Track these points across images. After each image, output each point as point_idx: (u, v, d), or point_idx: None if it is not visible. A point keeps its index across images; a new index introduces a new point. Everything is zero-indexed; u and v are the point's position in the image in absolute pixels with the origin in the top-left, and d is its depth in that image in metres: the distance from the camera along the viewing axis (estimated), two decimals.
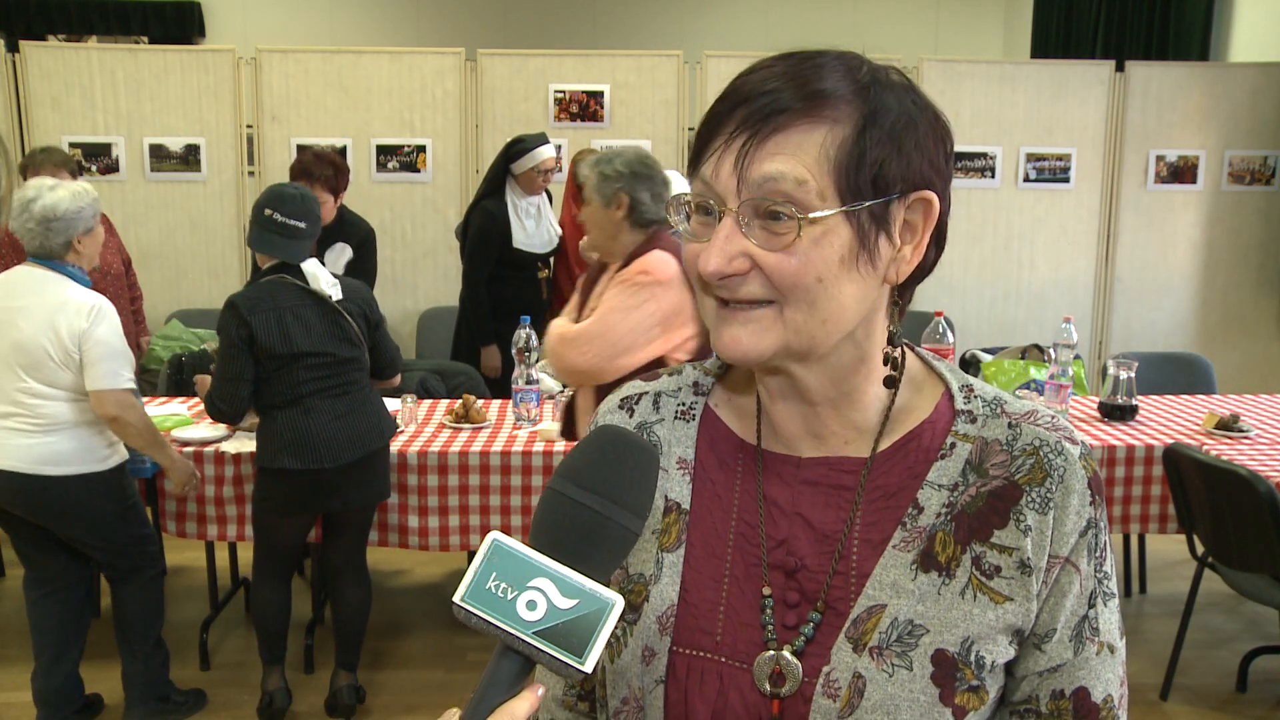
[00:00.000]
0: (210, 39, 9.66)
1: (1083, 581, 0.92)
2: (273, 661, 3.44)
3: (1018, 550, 0.90)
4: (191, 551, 4.53)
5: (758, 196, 0.85)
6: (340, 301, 3.21)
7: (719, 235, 0.87)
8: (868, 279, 0.89)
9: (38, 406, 3.04)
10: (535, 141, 4.74)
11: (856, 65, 0.89)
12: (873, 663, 0.89)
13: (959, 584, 0.90)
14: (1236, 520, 3.22)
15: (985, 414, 0.96)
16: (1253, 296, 6.36)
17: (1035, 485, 0.91)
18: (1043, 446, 0.93)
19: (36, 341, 3.01)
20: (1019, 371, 4.45)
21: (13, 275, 3.13)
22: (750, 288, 0.87)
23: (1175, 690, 3.66)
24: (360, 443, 3.20)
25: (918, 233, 0.91)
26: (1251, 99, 6.14)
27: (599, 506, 0.79)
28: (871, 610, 0.91)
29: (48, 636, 3.20)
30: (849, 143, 0.85)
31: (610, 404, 1.09)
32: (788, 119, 0.85)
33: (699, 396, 1.05)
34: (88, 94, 5.80)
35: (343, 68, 5.89)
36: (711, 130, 0.88)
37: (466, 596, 0.77)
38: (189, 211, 5.97)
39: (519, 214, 4.78)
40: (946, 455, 0.94)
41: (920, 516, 0.93)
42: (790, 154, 0.84)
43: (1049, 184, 6.17)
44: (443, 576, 4.69)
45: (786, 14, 9.92)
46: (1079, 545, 0.92)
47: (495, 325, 4.85)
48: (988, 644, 0.90)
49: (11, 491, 3.06)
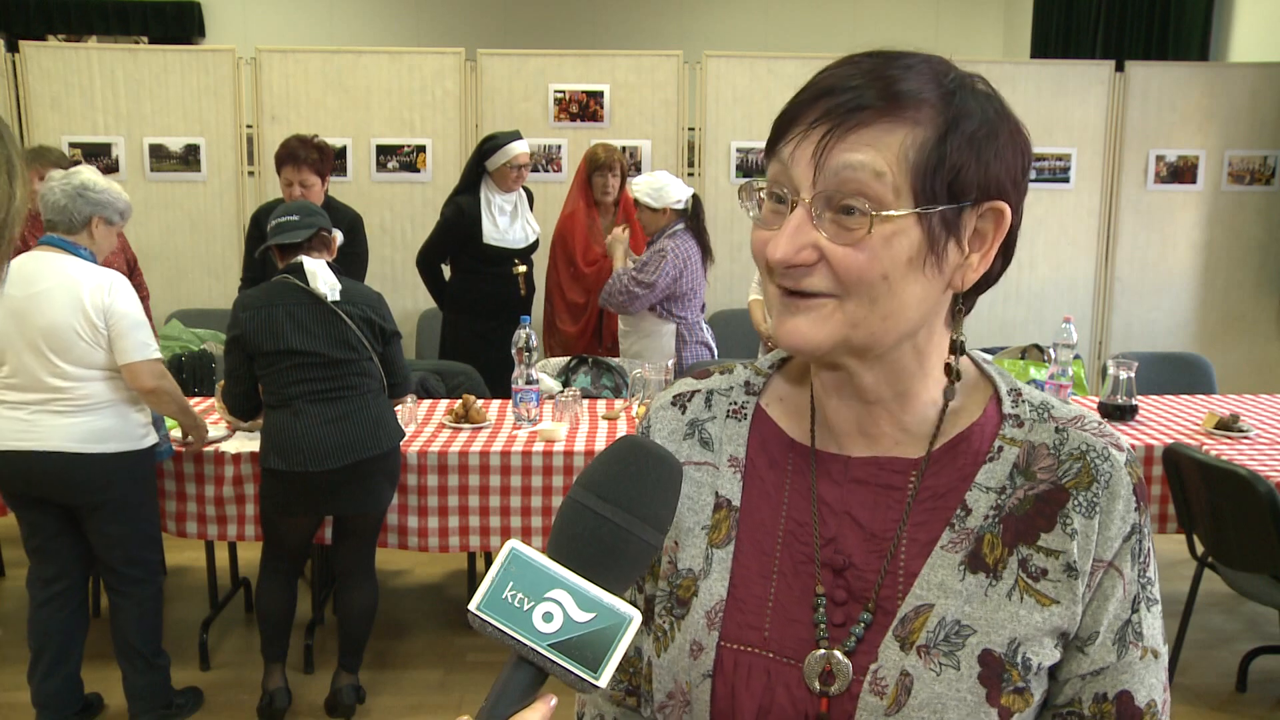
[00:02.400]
0: (210, 39, 9.67)
1: (1126, 586, 0.93)
2: (274, 659, 3.44)
3: (1064, 553, 0.91)
4: (191, 551, 4.53)
5: (833, 187, 0.85)
6: (339, 304, 3.20)
7: (790, 224, 0.87)
8: (932, 282, 0.89)
9: (74, 388, 3.07)
10: (508, 138, 4.75)
11: (943, 70, 0.89)
12: (920, 661, 0.90)
13: (1006, 585, 0.91)
14: (1236, 520, 3.22)
15: (1032, 418, 0.97)
16: (1253, 296, 6.36)
17: (1082, 489, 0.92)
18: (1089, 452, 0.94)
19: (65, 323, 3.02)
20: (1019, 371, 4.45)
21: (25, 263, 3.09)
22: (815, 279, 0.88)
23: (1175, 690, 3.66)
24: (351, 449, 3.18)
25: (987, 241, 0.91)
26: (1251, 99, 6.14)
27: (620, 520, 0.78)
28: (919, 609, 0.92)
29: (51, 639, 3.20)
30: (929, 145, 0.85)
31: (663, 400, 1.09)
32: (870, 115, 0.85)
33: (750, 396, 1.06)
34: (88, 94, 5.80)
35: (343, 68, 5.89)
36: (791, 118, 0.89)
37: (483, 605, 0.76)
38: (189, 211, 5.97)
39: (492, 210, 4.79)
40: (994, 458, 0.95)
41: (968, 518, 0.94)
42: (870, 146, 0.85)
43: (1049, 184, 6.17)
44: (443, 577, 4.69)
45: (787, 14, 9.92)
46: (1123, 550, 0.93)
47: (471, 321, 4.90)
48: (1034, 646, 0.91)
49: (52, 473, 3.07)
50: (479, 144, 4.86)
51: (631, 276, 4.44)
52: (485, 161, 4.74)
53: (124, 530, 3.21)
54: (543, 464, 3.53)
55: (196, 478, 3.53)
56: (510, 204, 4.85)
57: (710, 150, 6.06)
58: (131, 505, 3.21)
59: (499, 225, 4.81)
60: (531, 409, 3.88)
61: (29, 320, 3.03)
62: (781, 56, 6.14)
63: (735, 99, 6.02)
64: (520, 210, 4.91)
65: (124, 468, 3.15)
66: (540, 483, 3.53)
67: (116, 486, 3.15)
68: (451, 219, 4.80)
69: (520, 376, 3.90)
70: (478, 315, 4.88)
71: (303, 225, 3.27)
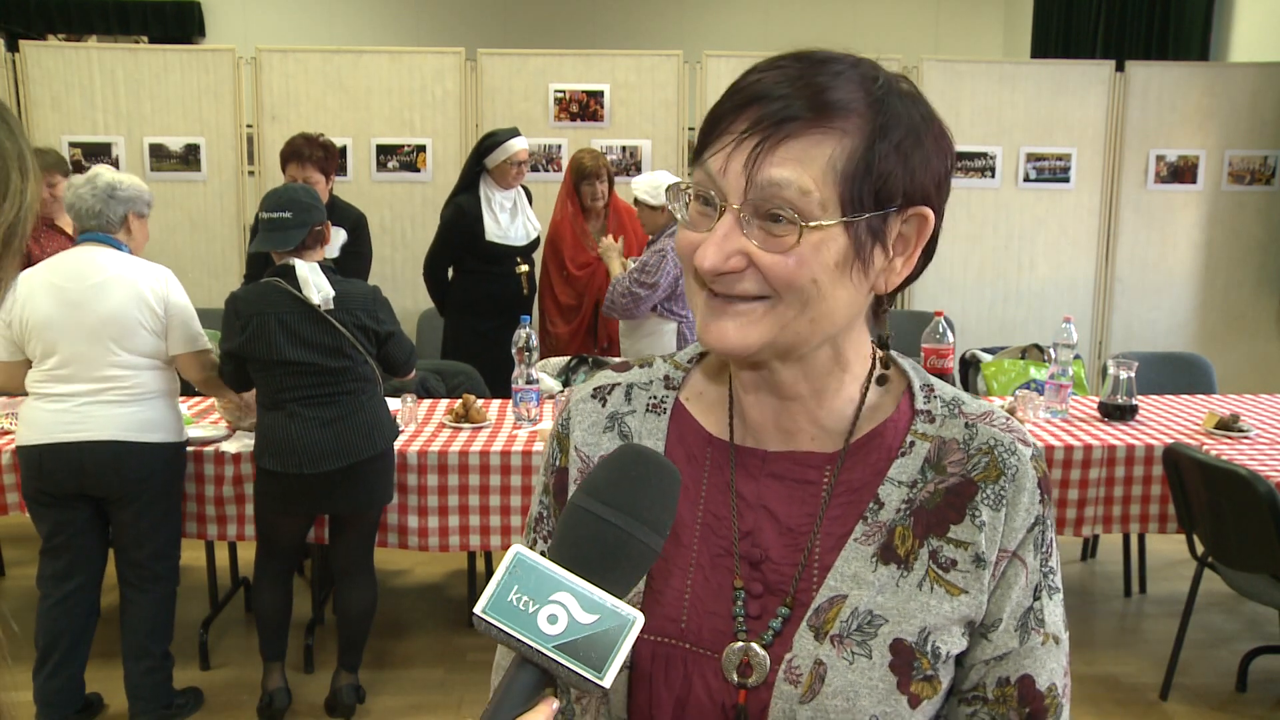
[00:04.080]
0: (210, 38, 9.67)
1: (1029, 575, 0.96)
2: (273, 659, 3.44)
3: (973, 544, 0.94)
4: (191, 551, 4.51)
5: (761, 199, 0.86)
6: (333, 311, 3.15)
7: (718, 232, 0.88)
8: (859, 286, 0.91)
9: (129, 377, 3.16)
10: (507, 135, 4.76)
11: (871, 76, 0.90)
12: (834, 650, 0.92)
13: (917, 576, 0.94)
14: (1236, 520, 3.22)
15: (944, 414, 1.00)
16: (1253, 296, 6.36)
17: (990, 482, 0.95)
18: (997, 446, 0.97)
19: (128, 312, 3.14)
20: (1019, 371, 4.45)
21: (75, 258, 3.19)
22: (745, 284, 0.89)
23: (1175, 690, 3.66)
24: (346, 451, 3.18)
25: (910, 245, 0.93)
26: (1251, 99, 6.14)
27: (622, 523, 0.80)
28: (833, 600, 0.94)
29: (61, 638, 3.20)
30: (857, 154, 0.86)
31: (583, 393, 1.10)
32: (800, 127, 0.85)
33: (670, 390, 1.07)
34: (87, 93, 5.80)
35: (343, 67, 5.89)
36: (720, 125, 0.89)
37: (488, 608, 0.77)
38: (189, 211, 5.97)
39: (493, 207, 4.79)
40: (906, 453, 0.98)
41: (881, 511, 0.96)
42: (797, 161, 0.85)
43: (1049, 184, 6.17)
44: (443, 576, 4.69)
45: (786, 14, 9.93)
46: (1026, 540, 0.96)
47: (474, 321, 4.90)
48: (943, 635, 0.93)
49: (102, 463, 3.12)
50: (478, 142, 4.87)
51: (633, 279, 4.43)
52: (485, 159, 4.74)
53: (157, 523, 3.26)
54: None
55: (196, 478, 3.53)
56: (510, 201, 4.85)
57: None
58: (169, 497, 3.30)
59: (500, 222, 4.81)
60: (531, 409, 3.88)
61: (89, 309, 3.12)
62: None
63: None
64: (520, 207, 4.91)
65: (166, 458, 3.25)
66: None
67: (159, 477, 3.23)
68: (452, 219, 4.80)
69: (520, 376, 3.90)
70: (480, 315, 4.88)
71: (295, 225, 3.18)
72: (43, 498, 3.18)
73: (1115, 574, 4.64)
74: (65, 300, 3.11)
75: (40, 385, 3.16)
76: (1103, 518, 3.69)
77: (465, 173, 4.87)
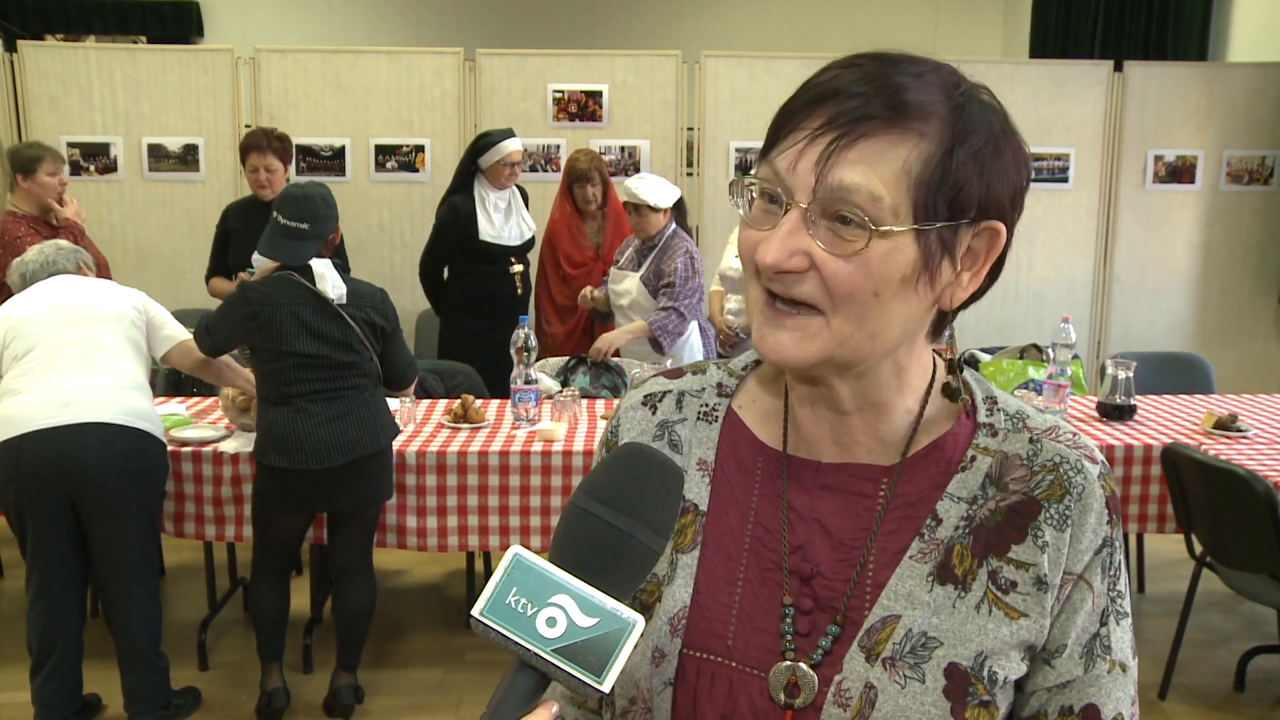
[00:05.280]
0: (208, 39, 9.66)
1: (1095, 599, 0.92)
2: (271, 659, 3.44)
3: (1034, 566, 0.90)
4: (189, 552, 4.53)
5: (831, 199, 0.83)
6: (345, 306, 3.19)
7: (783, 227, 0.84)
8: (923, 300, 0.87)
9: (118, 364, 3.24)
10: (501, 135, 4.76)
11: (953, 81, 0.87)
12: (885, 673, 0.88)
13: (974, 598, 0.90)
14: (1235, 520, 3.22)
15: (1007, 428, 0.95)
16: (1250, 296, 6.37)
17: (1054, 501, 0.91)
18: (1063, 464, 0.92)
19: (112, 304, 3.32)
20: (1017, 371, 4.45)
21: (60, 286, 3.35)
22: (804, 288, 0.85)
23: (1174, 689, 3.66)
24: (351, 447, 3.19)
25: (979, 260, 0.90)
26: (1249, 99, 6.14)
27: (623, 525, 0.78)
28: (886, 620, 0.90)
29: (52, 642, 3.19)
30: (934, 160, 0.83)
31: (633, 399, 1.07)
32: (876, 127, 0.82)
33: (722, 398, 1.04)
34: (85, 94, 5.80)
35: (341, 67, 5.89)
36: (793, 121, 0.86)
37: (486, 611, 0.76)
38: (187, 211, 5.97)
39: (487, 207, 4.80)
40: (967, 468, 0.94)
41: (939, 528, 0.92)
42: (871, 165, 0.82)
43: (1047, 184, 6.17)
44: (442, 577, 4.69)
45: (786, 14, 9.93)
46: (1093, 563, 0.92)
47: (469, 321, 4.91)
48: (1001, 659, 0.89)
49: (88, 446, 3.08)
50: (472, 142, 4.87)
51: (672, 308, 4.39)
52: (479, 159, 4.75)
53: (140, 521, 3.23)
54: (541, 464, 3.53)
55: (195, 478, 3.53)
56: (504, 201, 4.86)
57: (709, 150, 6.06)
58: (151, 495, 3.28)
59: (494, 222, 4.81)
60: (530, 409, 3.87)
61: (72, 303, 3.26)
62: (780, 56, 6.14)
63: (734, 99, 6.02)
64: (515, 207, 4.91)
65: (152, 451, 3.24)
66: (539, 483, 3.53)
67: (145, 469, 3.21)
68: (446, 219, 4.81)
69: (519, 376, 3.90)
70: (475, 315, 4.89)
71: (311, 237, 3.20)
72: (24, 497, 3.11)
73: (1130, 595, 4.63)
74: (48, 298, 3.27)
75: (19, 380, 3.14)
76: None
77: (459, 173, 4.88)
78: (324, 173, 5.84)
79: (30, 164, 4.37)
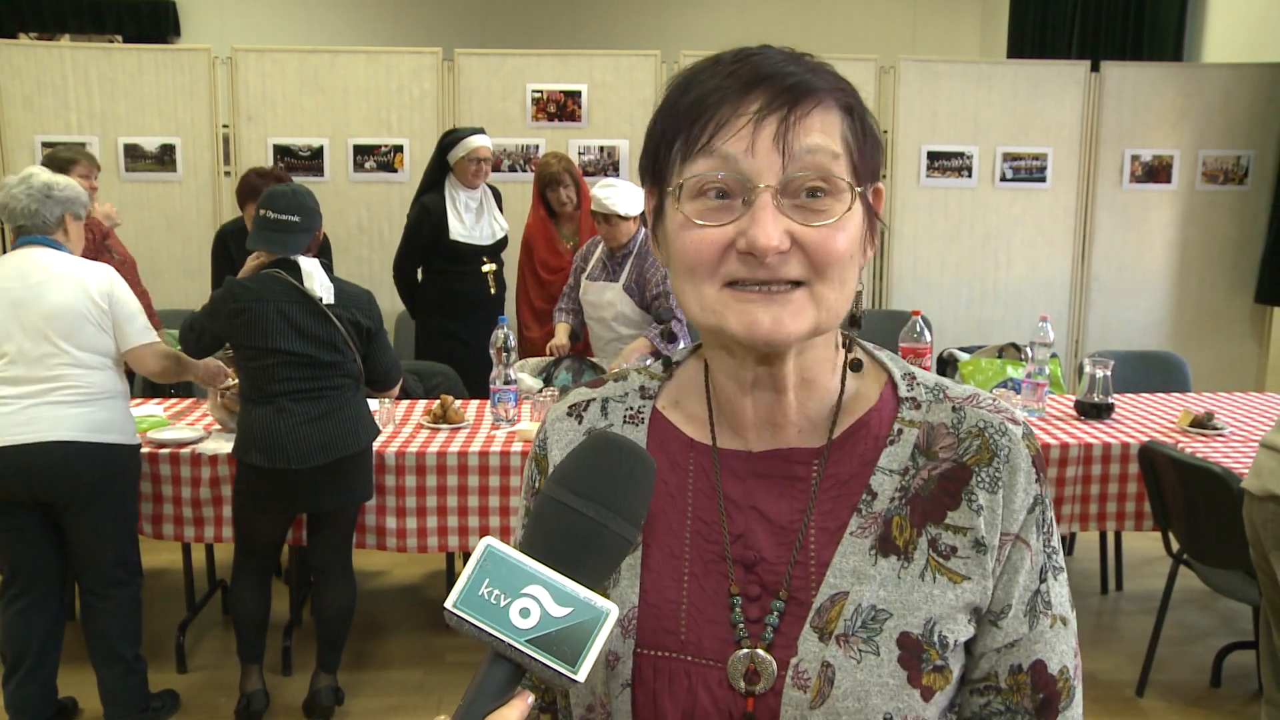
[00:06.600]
0: (185, 38, 9.60)
1: (1033, 557, 0.95)
2: (251, 660, 3.42)
3: (972, 530, 0.93)
4: (168, 554, 4.50)
5: (801, 170, 0.86)
6: (331, 307, 3.18)
7: (764, 212, 0.85)
8: (863, 260, 0.93)
9: (79, 376, 3.10)
10: (469, 132, 4.76)
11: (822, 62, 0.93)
12: (840, 650, 0.89)
13: (918, 567, 0.92)
14: (1211, 517, 3.24)
15: (929, 400, 0.98)
16: (1226, 295, 6.41)
17: (983, 465, 0.94)
18: (988, 428, 0.95)
19: (73, 307, 3.08)
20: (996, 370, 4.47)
21: (16, 260, 3.13)
22: (790, 268, 0.87)
23: (1151, 686, 3.69)
24: (332, 447, 3.18)
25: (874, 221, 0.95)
26: (1224, 99, 6.19)
27: (595, 514, 0.78)
28: (834, 598, 0.92)
29: (28, 646, 3.16)
30: (857, 127, 0.90)
31: (558, 411, 1.08)
32: (821, 96, 0.87)
33: (646, 400, 1.05)
34: (61, 93, 5.75)
35: (319, 67, 5.86)
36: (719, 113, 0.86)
37: (459, 602, 0.76)
38: (165, 212, 5.93)
39: (458, 206, 4.78)
40: (895, 441, 0.97)
41: (875, 502, 0.94)
42: (825, 131, 0.87)
43: (1025, 183, 6.20)
44: (422, 578, 4.67)
45: (763, 13, 9.95)
46: (1028, 521, 0.94)
47: (443, 321, 4.90)
48: (949, 623, 0.91)
49: (53, 466, 3.02)
50: (440, 139, 4.86)
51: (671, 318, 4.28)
52: (446, 155, 4.74)
53: (116, 528, 3.20)
54: (521, 464, 3.52)
55: (173, 479, 3.51)
56: (476, 200, 4.85)
57: None
58: (125, 501, 3.23)
59: (465, 222, 4.80)
60: (510, 409, 3.87)
61: (32, 307, 3.06)
62: None
63: None
64: (486, 207, 4.90)
65: (121, 460, 3.17)
66: (519, 483, 3.52)
67: (115, 480, 3.16)
68: (417, 219, 4.80)
69: (498, 376, 3.89)
70: (449, 315, 4.88)
71: (302, 230, 3.22)
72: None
73: (1092, 571, 4.67)
74: (9, 300, 3.07)
75: None
76: (1079, 515, 3.71)
77: (429, 172, 4.87)
78: (302, 173, 5.81)
79: (64, 165, 4.32)
